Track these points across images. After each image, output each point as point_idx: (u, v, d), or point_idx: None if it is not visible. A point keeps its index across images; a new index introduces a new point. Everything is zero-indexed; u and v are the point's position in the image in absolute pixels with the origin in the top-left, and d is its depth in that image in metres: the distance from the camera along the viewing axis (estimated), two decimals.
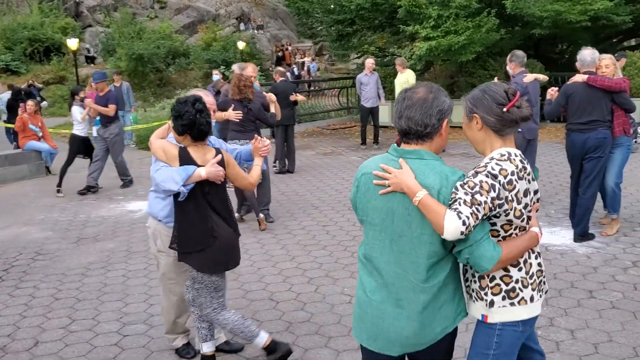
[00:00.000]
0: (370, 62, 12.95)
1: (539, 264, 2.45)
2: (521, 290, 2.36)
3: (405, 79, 12.25)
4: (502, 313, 2.37)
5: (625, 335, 4.06)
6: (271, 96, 7.31)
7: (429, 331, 2.33)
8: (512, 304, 2.36)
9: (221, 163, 3.50)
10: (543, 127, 12.55)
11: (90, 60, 32.54)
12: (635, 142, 10.95)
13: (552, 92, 6.17)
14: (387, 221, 2.33)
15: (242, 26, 38.78)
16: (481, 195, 2.18)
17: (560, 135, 13.10)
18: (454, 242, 2.24)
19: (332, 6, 15.83)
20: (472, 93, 2.42)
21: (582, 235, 6.03)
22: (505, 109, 2.31)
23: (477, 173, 2.26)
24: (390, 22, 15.56)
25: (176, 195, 3.44)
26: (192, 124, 3.38)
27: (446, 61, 14.50)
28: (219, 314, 3.64)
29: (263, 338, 3.68)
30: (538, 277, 2.43)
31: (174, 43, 31.12)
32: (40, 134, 11.11)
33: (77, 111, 9.26)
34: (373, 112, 12.76)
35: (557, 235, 6.19)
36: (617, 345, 3.92)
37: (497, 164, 2.28)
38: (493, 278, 2.36)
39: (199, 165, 3.43)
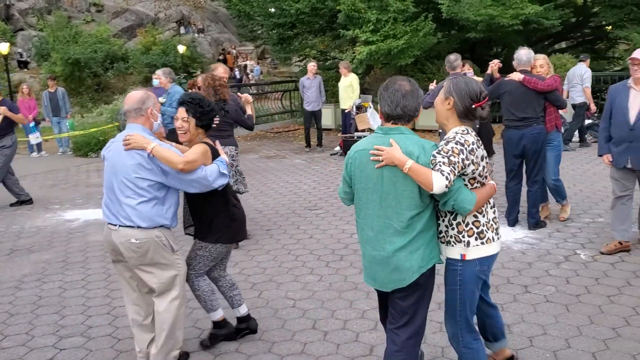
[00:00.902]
0: (312, 65, 13.04)
1: (494, 212, 3.12)
2: (487, 233, 3.02)
3: (349, 82, 12.40)
4: (476, 251, 3.01)
5: (558, 327, 4.22)
6: (247, 97, 6.82)
7: (408, 268, 2.94)
8: (482, 243, 3.01)
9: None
10: None
11: (23, 65, 31.41)
12: (568, 142, 11.43)
13: (494, 65, 6.58)
14: (377, 184, 2.96)
15: (182, 30, 38.26)
16: (455, 157, 2.83)
17: (497, 135, 13.48)
18: (439, 197, 2.90)
19: (272, 10, 15.82)
20: (457, 81, 3.05)
21: (535, 224, 6.44)
22: (473, 105, 2.98)
23: (447, 142, 2.91)
24: (330, 26, 15.68)
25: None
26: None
27: (386, 65, 14.72)
28: (198, 277, 4.02)
29: (219, 314, 4.14)
30: (495, 223, 3.10)
31: (112, 47, 30.39)
32: None
33: None
34: (316, 115, 12.88)
35: None
36: (551, 338, 4.07)
37: (461, 136, 2.94)
38: (467, 224, 2.99)
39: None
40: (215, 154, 3.81)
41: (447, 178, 2.76)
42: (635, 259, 5.37)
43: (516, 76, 6.19)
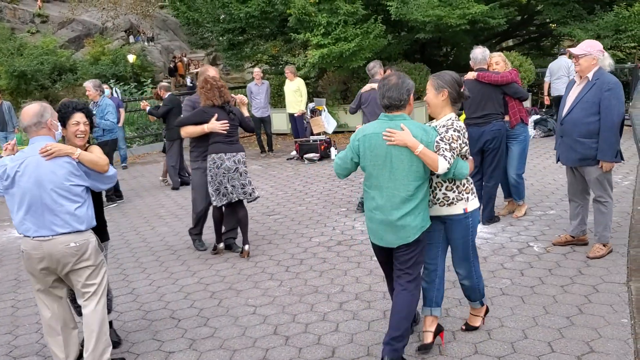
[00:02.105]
0: (257, 71, 12.98)
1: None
2: (474, 191, 3.92)
3: (295, 86, 12.43)
4: (472, 203, 3.86)
5: (515, 319, 4.30)
6: (243, 98, 6.61)
7: (413, 227, 3.64)
8: (474, 197, 3.89)
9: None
10: None
11: None
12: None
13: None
14: (386, 161, 3.61)
15: (131, 39, 37.74)
16: (454, 143, 3.62)
17: None
18: None
19: (222, 16, 15.71)
20: (442, 75, 3.80)
21: (489, 219, 6.55)
22: (462, 89, 3.78)
23: (447, 129, 3.67)
24: (281, 30, 15.67)
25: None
26: None
27: (339, 68, 14.80)
28: None
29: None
30: (473, 185, 3.95)
31: (59, 58, 29.75)
32: None
33: None
34: (264, 121, 12.81)
35: None
36: (508, 330, 4.15)
37: (456, 122, 3.72)
38: (464, 185, 3.82)
39: None
40: None
41: (448, 162, 3.55)
42: (586, 249, 5.53)
43: (471, 74, 6.30)
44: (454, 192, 3.82)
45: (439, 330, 4.00)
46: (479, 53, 6.40)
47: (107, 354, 3.84)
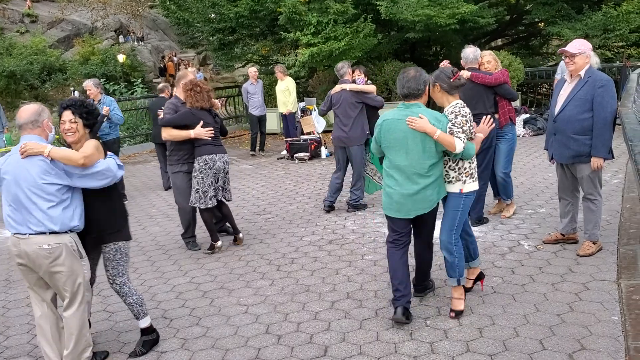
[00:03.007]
0: (253, 71, 12.99)
1: (475, 163, 4.43)
2: (474, 175, 4.38)
3: (285, 86, 12.44)
4: (469, 186, 4.35)
5: (506, 317, 4.32)
6: (217, 103, 6.76)
7: (429, 200, 4.27)
8: (473, 181, 4.37)
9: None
10: None
11: None
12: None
13: (445, 65, 6.56)
14: (403, 143, 4.21)
15: (121, 38, 37.58)
16: (465, 126, 4.18)
17: None
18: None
19: (212, 15, 15.66)
20: (436, 74, 4.37)
21: (478, 220, 6.52)
22: (452, 79, 4.28)
23: (456, 115, 4.21)
24: (271, 29, 15.64)
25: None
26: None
27: (329, 67, 14.79)
28: (129, 283, 4.18)
29: (147, 321, 4.27)
30: (475, 170, 4.41)
31: (48, 58, 29.61)
32: None
33: None
34: (261, 119, 12.86)
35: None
36: (500, 328, 4.17)
37: (462, 109, 4.24)
38: (465, 168, 4.32)
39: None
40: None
41: (463, 142, 4.13)
42: (576, 247, 5.56)
43: (464, 73, 6.26)
44: (455, 171, 4.35)
45: (478, 278, 4.81)
46: (470, 52, 6.42)
47: (87, 352, 3.96)
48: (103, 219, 4.04)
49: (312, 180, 9.80)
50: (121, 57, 30.20)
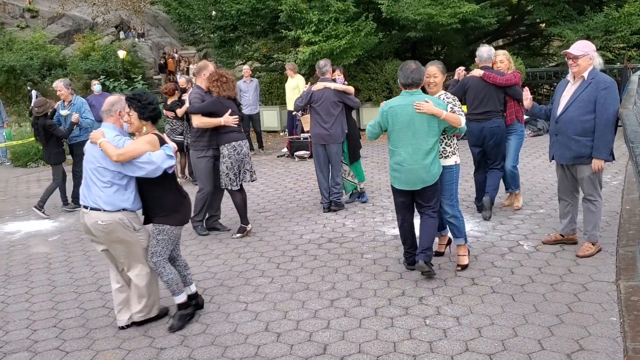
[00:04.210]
0: (246, 68, 12.93)
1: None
2: (457, 150, 5.23)
3: (295, 84, 12.39)
4: (457, 158, 5.20)
5: (505, 317, 4.33)
6: None
7: (432, 173, 4.96)
8: (458, 154, 5.22)
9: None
10: None
11: None
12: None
13: (460, 72, 6.89)
14: (410, 125, 4.89)
15: (122, 34, 37.52)
16: (459, 106, 5.12)
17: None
18: (450, 126, 4.97)
19: (213, 13, 15.66)
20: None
21: (489, 201, 6.75)
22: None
23: (451, 100, 5.12)
24: (272, 27, 15.64)
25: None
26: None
27: None
28: (165, 264, 4.47)
29: (183, 297, 4.56)
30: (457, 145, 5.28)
31: (48, 53, 29.50)
32: None
33: None
34: (253, 118, 12.66)
35: None
36: (499, 328, 4.18)
37: (450, 96, 5.19)
38: (456, 144, 5.20)
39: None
40: (162, 142, 4.40)
41: (464, 118, 5.06)
42: (576, 248, 5.57)
43: (477, 72, 6.57)
44: (450, 147, 5.15)
45: (448, 244, 5.69)
46: (484, 52, 6.65)
47: (152, 312, 4.55)
48: (152, 202, 4.43)
49: (312, 178, 9.80)
50: (121, 54, 30.10)
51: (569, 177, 5.48)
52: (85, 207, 4.29)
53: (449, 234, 5.59)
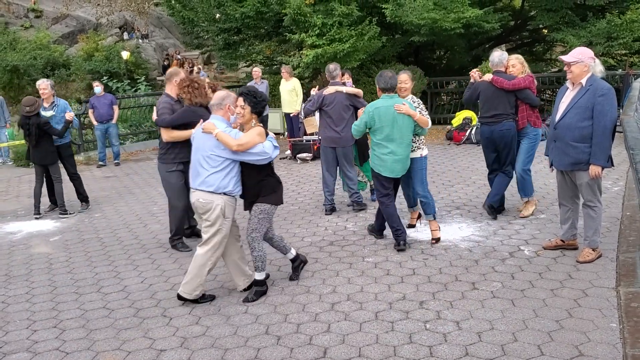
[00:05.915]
0: (257, 71, 13.01)
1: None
2: (423, 145, 6.21)
3: (291, 86, 12.44)
4: (425, 151, 6.17)
5: (505, 322, 4.34)
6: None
7: (408, 164, 5.98)
8: (425, 148, 6.17)
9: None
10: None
11: None
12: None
13: (474, 74, 6.99)
14: (394, 122, 5.79)
15: (125, 35, 37.58)
16: (425, 109, 6.17)
17: (440, 136, 13.77)
18: (420, 127, 5.96)
19: (217, 15, 15.68)
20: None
21: (490, 207, 6.92)
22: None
23: (419, 103, 6.19)
24: (276, 30, 15.67)
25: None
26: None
27: None
28: (260, 240, 5.02)
29: (262, 275, 5.11)
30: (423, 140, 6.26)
31: (52, 54, 29.52)
32: None
33: None
34: (264, 120, 12.81)
35: (441, 232, 6.49)
36: (499, 332, 4.19)
37: (417, 99, 6.23)
38: (422, 140, 6.16)
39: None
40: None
41: (430, 121, 6.05)
42: (576, 253, 5.57)
43: (487, 77, 6.69)
44: (416, 143, 6.12)
45: (418, 217, 6.79)
46: (495, 56, 6.76)
47: (197, 290, 4.92)
48: (253, 187, 4.94)
49: (314, 181, 9.82)
50: (125, 54, 30.15)
51: (569, 183, 5.49)
52: (193, 188, 4.88)
53: (420, 210, 6.61)
